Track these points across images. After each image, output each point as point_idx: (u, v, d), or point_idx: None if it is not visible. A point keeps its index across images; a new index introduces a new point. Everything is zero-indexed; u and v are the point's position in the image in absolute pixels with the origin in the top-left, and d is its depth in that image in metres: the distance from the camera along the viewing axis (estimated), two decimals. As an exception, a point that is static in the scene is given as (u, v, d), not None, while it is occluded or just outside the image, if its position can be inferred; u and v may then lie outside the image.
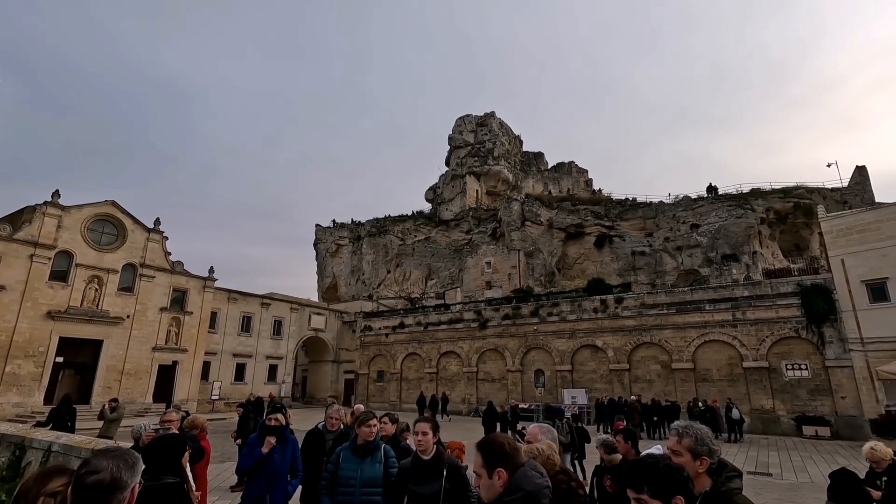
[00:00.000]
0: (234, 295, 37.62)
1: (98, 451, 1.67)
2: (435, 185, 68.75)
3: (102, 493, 1.57)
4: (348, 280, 63.57)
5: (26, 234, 26.14)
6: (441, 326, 38.21)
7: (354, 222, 67.17)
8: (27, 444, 9.04)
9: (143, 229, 31.23)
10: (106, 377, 28.09)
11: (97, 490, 1.57)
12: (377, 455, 4.32)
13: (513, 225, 52.11)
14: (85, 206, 28.78)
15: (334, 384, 43.79)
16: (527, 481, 2.05)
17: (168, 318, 31.63)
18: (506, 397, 32.47)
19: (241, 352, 37.32)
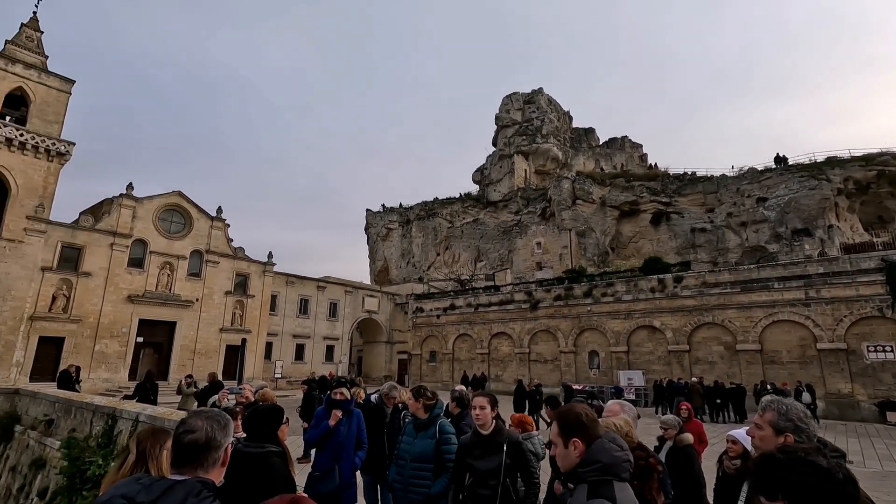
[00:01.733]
0: (292, 278, 39.23)
1: (194, 412, 1.78)
2: (482, 166, 68.12)
3: (198, 450, 1.69)
4: (399, 263, 64.65)
5: (106, 224, 28.35)
6: (491, 308, 38.21)
7: (403, 206, 67.90)
8: (118, 415, 9.89)
9: (207, 217, 33.04)
10: (180, 355, 30.25)
11: (193, 448, 1.69)
12: (431, 430, 4.34)
13: (563, 204, 50.88)
14: (155, 197, 30.78)
15: (388, 364, 45.03)
16: (604, 453, 2.00)
17: (233, 301, 33.52)
18: (559, 378, 32.20)
19: (300, 333, 39.04)
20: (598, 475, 1.94)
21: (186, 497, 1.52)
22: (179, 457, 1.70)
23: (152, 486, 1.55)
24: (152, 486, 1.55)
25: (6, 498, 12.39)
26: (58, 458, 10.94)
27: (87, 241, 27.49)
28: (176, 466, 1.70)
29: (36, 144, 26.08)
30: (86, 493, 9.30)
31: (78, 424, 11.20)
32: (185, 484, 1.57)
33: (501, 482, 3.50)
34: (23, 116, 26.87)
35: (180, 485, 1.57)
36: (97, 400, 11.78)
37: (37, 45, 28.51)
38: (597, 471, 1.94)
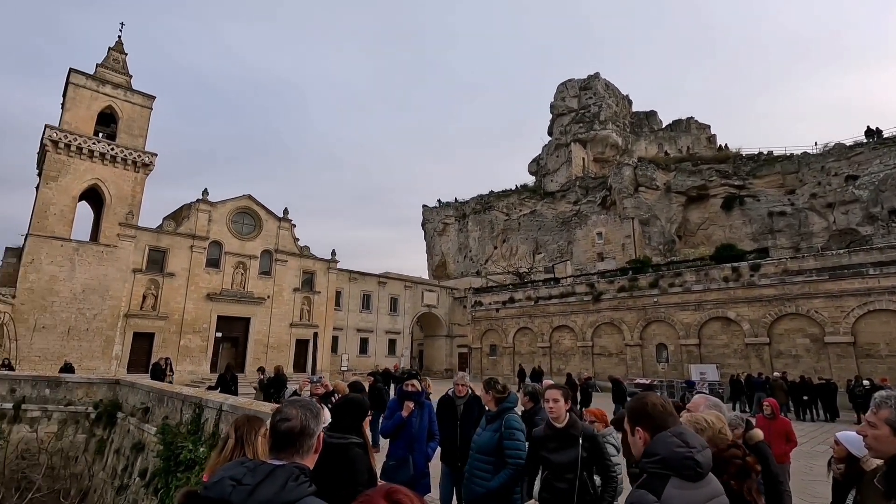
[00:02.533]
0: (354, 275, 40.53)
1: (288, 400, 1.88)
2: (538, 156, 66.85)
3: (294, 437, 1.79)
4: (456, 257, 64.99)
5: (186, 228, 30.60)
6: (552, 300, 37.55)
7: (459, 201, 68.09)
8: (204, 405, 10.67)
9: (275, 219, 34.81)
10: (255, 349, 32.17)
11: (290, 435, 1.79)
12: (497, 423, 4.31)
13: (625, 192, 48.93)
14: (227, 201, 32.82)
15: (449, 357, 45.50)
16: (663, 446, 1.94)
17: (300, 298, 35.17)
18: (625, 372, 31.14)
19: (364, 327, 40.31)
20: (657, 468, 1.90)
21: (287, 481, 1.61)
22: (277, 443, 1.81)
23: (256, 469, 1.65)
24: (256, 470, 1.64)
25: (113, 477, 13.76)
26: (154, 442, 12.00)
27: (170, 244, 29.84)
28: (274, 451, 1.80)
29: (125, 157, 28.58)
30: (179, 475, 10.13)
31: (170, 412, 12.20)
32: (285, 468, 1.66)
33: (578, 476, 3.43)
34: (113, 132, 29.53)
35: (280, 469, 1.65)
36: (185, 390, 12.78)
37: (122, 66, 31.16)
38: (656, 463, 1.91)
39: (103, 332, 26.52)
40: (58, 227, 26.08)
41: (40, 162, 28.26)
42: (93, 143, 27.64)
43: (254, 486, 1.57)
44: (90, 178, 27.51)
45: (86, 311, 26.05)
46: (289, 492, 1.58)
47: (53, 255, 25.62)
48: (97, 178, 27.75)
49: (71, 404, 16.57)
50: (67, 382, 17.06)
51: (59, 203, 26.33)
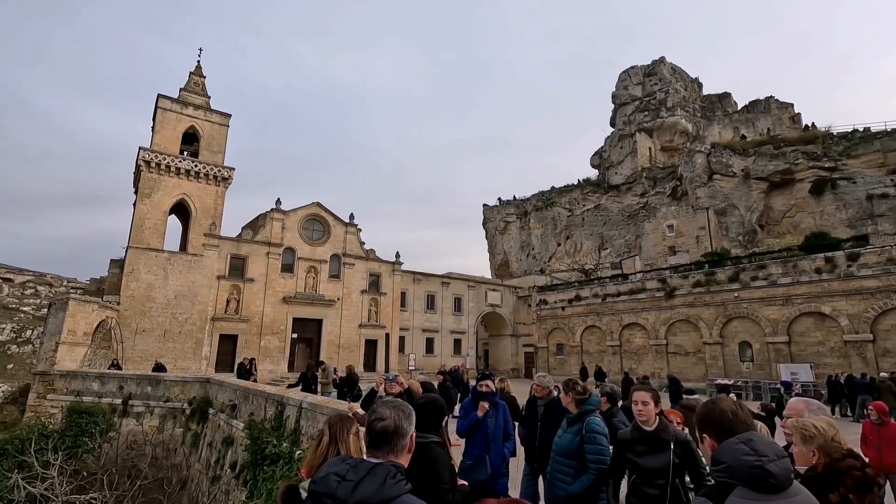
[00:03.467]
0: (418, 276, 41.23)
1: (382, 401, 1.97)
2: (600, 149, 64.64)
3: (389, 436, 1.87)
4: (518, 256, 64.28)
5: (263, 236, 32.58)
6: (621, 297, 36.15)
7: (519, 199, 67.32)
8: (285, 402, 11.29)
9: (342, 224, 36.20)
10: (327, 349, 33.61)
11: (384, 434, 1.87)
12: (578, 426, 4.21)
13: (697, 181, 46.12)
14: (298, 209, 34.56)
15: (514, 357, 45.09)
16: (728, 453, 1.85)
17: (368, 299, 36.31)
18: (703, 372, 29.39)
19: (429, 327, 40.90)
20: (722, 476, 1.83)
21: (385, 478, 1.68)
22: (373, 441, 1.89)
23: (357, 466, 1.74)
24: (357, 467, 1.73)
25: (207, 468, 14.92)
26: (242, 437, 12.86)
27: (249, 252, 31.90)
28: (371, 450, 1.89)
29: (207, 172, 30.92)
30: (266, 468, 10.78)
31: (255, 409, 13.02)
32: (383, 467, 1.74)
33: (670, 482, 3.28)
34: (195, 150, 32.05)
35: (379, 467, 1.73)
36: (268, 389, 13.60)
37: (202, 88, 33.74)
38: (721, 471, 1.84)
39: (193, 334, 28.83)
40: (152, 239, 28.70)
41: (136, 181, 31.21)
42: (179, 161, 30.19)
43: (356, 483, 1.65)
44: (178, 193, 30.03)
45: (178, 315, 28.45)
46: (387, 489, 1.64)
47: (150, 265, 28.23)
48: (184, 193, 30.23)
49: (169, 401, 18.17)
50: (165, 381, 18.72)
51: (152, 217, 28.98)
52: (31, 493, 12.87)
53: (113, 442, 16.51)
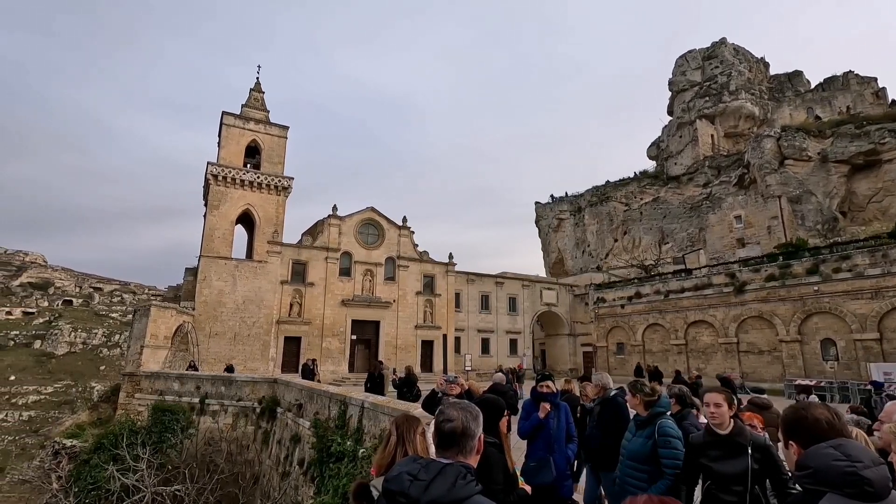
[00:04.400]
0: (472, 276, 41.25)
1: (449, 403, 2.00)
2: (658, 139, 61.92)
3: (457, 438, 1.90)
4: (574, 253, 62.80)
5: (321, 241, 33.83)
6: (685, 294, 34.44)
7: (572, 195, 65.78)
8: (348, 402, 11.65)
9: (395, 227, 36.90)
10: (385, 350, 34.34)
11: (453, 435, 1.90)
12: (649, 429, 4.05)
13: (767, 167, 43.11)
14: (354, 214, 35.59)
15: (572, 357, 44.08)
16: (816, 458, 1.74)
17: (423, 301, 36.78)
18: (780, 372, 27.44)
19: (484, 328, 40.81)
20: (808, 482, 1.73)
21: (456, 479, 1.70)
22: (442, 442, 1.93)
23: (428, 466, 1.77)
24: (429, 467, 1.76)
25: (277, 464, 15.68)
26: (308, 434, 13.41)
27: (309, 257, 33.22)
28: (440, 450, 1.92)
29: (268, 183, 32.53)
30: (331, 466, 11.17)
31: (319, 408, 13.53)
32: (454, 467, 1.76)
33: (749, 489, 3.09)
34: (257, 162, 33.80)
35: (450, 467, 1.76)
36: (331, 389, 14.09)
37: (261, 103, 35.54)
38: (807, 477, 1.74)
39: (260, 337, 30.39)
40: (222, 248, 30.55)
41: (205, 194, 33.32)
42: (243, 173, 31.95)
43: (428, 482, 1.68)
44: (243, 204, 31.79)
45: (246, 318, 30.10)
46: (458, 490, 1.66)
47: (220, 272, 30.06)
48: (248, 203, 31.96)
49: (241, 400, 19.23)
50: (237, 381, 19.84)
51: (221, 227, 30.85)
52: (124, 484, 14.07)
53: (193, 438, 17.71)
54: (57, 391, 55.17)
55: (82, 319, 67.90)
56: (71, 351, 62.08)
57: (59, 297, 74.77)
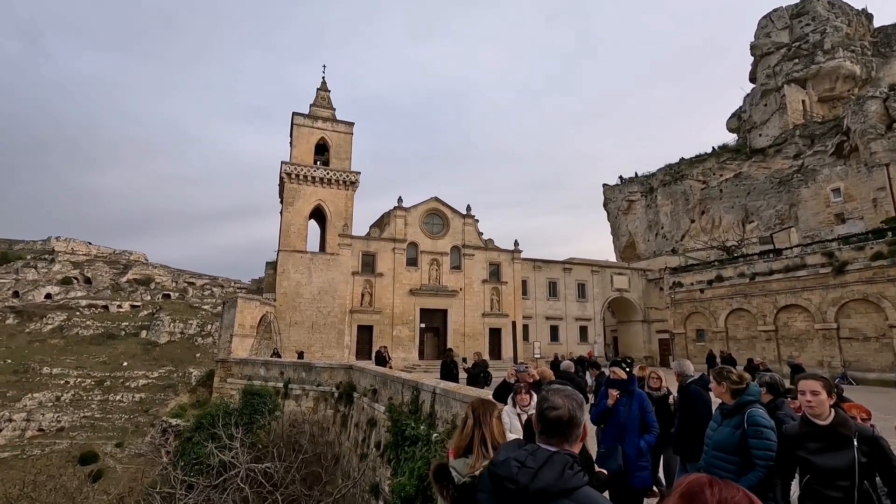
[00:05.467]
0: (538, 263, 40.62)
1: (552, 390, 1.96)
2: (739, 110, 57.17)
3: (563, 426, 1.84)
4: (646, 236, 59.86)
5: (388, 233, 34.78)
6: (774, 276, 31.76)
7: (643, 175, 62.54)
8: (420, 388, 11.96)
9: (460, 216, 37.09)
10: (453, 338, 34.82)
11: (559, 423, 1.85)
12: (737, 419, 3.81)
13: (870, 133, 38.47)
14: (419, 205, 36.20)
15: (647, 344, 42.29)
16: None
17: (489, 289, 36.80)
18: (891, 361, 24.67)
19: (552, 315, 40.14)
20: None
21: (564, 468, 1.67)
22: (546, 429, 1.87)
23: (536, 453, 1.75)
24: (536, 454, 1.74)
25: (356, 446, 16.48)
26: (384, 419, 13.94)
27: (377, 249, 34.30)
28: (544, 437, 1.87)
29: (337, 179, 33.86)
30: (406, 449, 11.56)
31: (393, 394, 14.01)
32: (561, 456, 1.73)
33: (858, 484, 2.83)
34: (326, 159, 35.26)
35: (557, 456, 1.73)
36: (404, 375, 14.54)
37: (328, 102, 36.92)
38: None
39: (335, 325, 31.91)
40: (297, 242, 32.32)
41: (281, 192, 35.30)
42: (314, 170, 33.50)
43: (536, 470, 1.66)
44: (315, 199, 33.37)
45: (322, 308, 31.71)
46: (567, 479, 1.64)
47: (297, 265, 31.84)
48: (320, 199, 33.49)
49: (320, 385, 20.37)
50: (316, 367, 21.01)
51: (296, 223, 32.60)
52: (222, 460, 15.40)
53: (279, 420, 19.02)
54: (161, 376, 61.43)
55: (179, 311, 74.87)
56: (171, 340, 68.74)
57: (159, 291, 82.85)
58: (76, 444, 50.47)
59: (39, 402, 55.00)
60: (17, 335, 65.21)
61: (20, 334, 65.43)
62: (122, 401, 57.96)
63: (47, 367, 59.77)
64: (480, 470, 2.10)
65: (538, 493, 1.62)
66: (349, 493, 14.92)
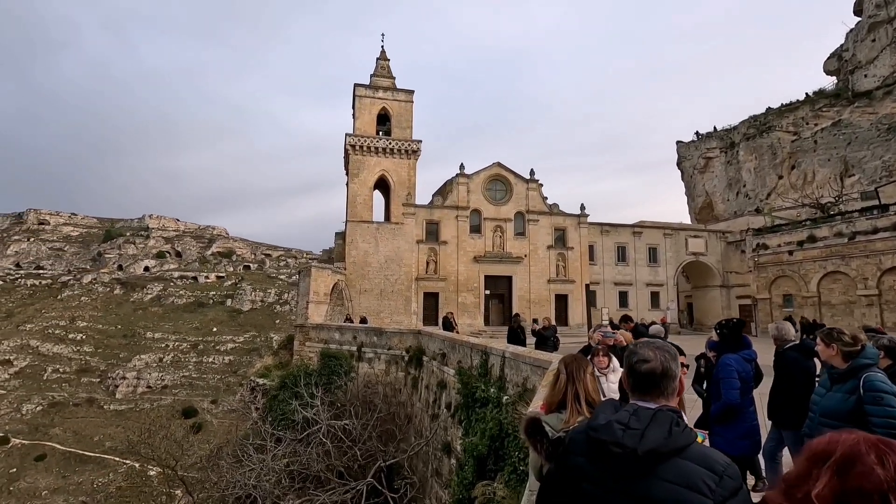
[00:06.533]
0: (606, 227, 39.14)
1: (641, 342, 1.84)
2: (839, 48, 50.57)
3: (658, 379, 1.72)
4: (725, 195, 55.63)
5: (450, 201, 34.83)
6: (878, 235, 28.59)
7: (722, 129, 57.60)
8: (489, 352, 12.09)
9: (523, 181, 36.31)
10: (518, 305, 34.71)
11: (652, 377, 1.73)
12: (850, 384, 3.46)
13: None
14: (481, 171, 35.80)
15: (726, 310, 39.88)
16: None
17: (555, 255, 36.11)
18: None
19: (621, 280, 38.82)
20: None
21: (671, 426, 1.57)
22: (639, 385, 1.76)
23: (638, 413, 1.64)
24: (638, 414, 1.63)
25: (427, 406, 17.12)
26: (454, 381, 14.30)
27: (440, 217, 34.52)
28: (637, 394, 1.76)
29: (399, 148, 34.12)
30: (477, 410, 11.81)
31: (462, 358, 14.27)
32: (664, 413, 1.63)
33: None
34: (388, 129, 35.52)
35: (661, 413, 1.62)
36: (472, 340, 14.74)
37: (387, 71, 36.88)
38: None
39: (402, 292, 32.83)
40: (363, 213, 33.23)
41: (346, 164, 36.20)
42: (376, 141, 33.95)
43: (643, 431, 1.57)
44: (378, 170, 33.94)
45: (389, 276, 32.67)
46: (676, 437, 1.54)
47: (364, 235, 32.85)
48: (383, 169, 34.02)
49: (391, 349, 21.18)
50: (386, 332, 21.83)
51: (361, 194, 33.43)
52: (304, 416, 16.61)
53: (354, 381, 20.11)
54: (246, 340, 66.80)
55: (259, 281, 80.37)
56: (253, 308, 74.18)
57: (240, 262, 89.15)
58: (178, 400, 56.70)
59: (146, 363, 61.96)
60: (124, 304, 73.23)
61: (126, 303, 73.41)
62: (213, 362, 63.90)
63: (150, 332, 66.90)
64: (574, 426, 2.04)
65: (648, 455, 1.52)
66: (422, 450, 15.62)
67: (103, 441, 49.29)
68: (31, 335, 63.91)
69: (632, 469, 1.53)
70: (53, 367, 60.34)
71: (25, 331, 64.65)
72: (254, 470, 14.45)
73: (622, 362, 2.15)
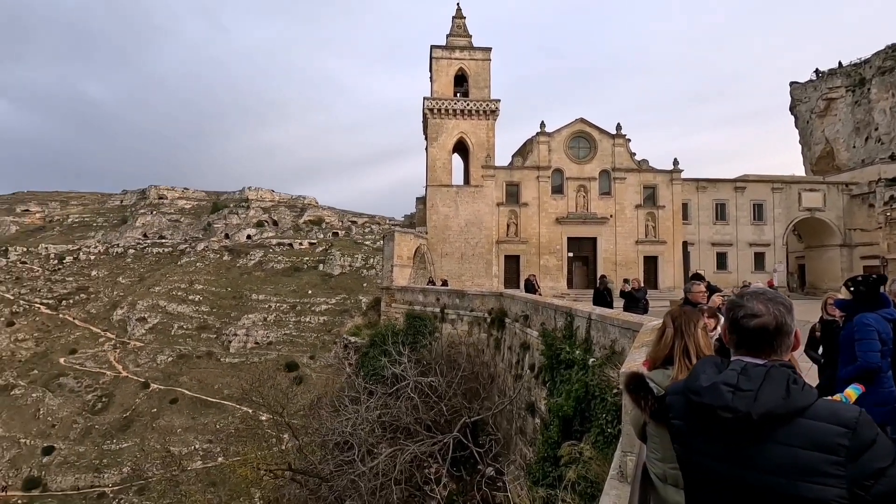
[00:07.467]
0: (703, 183, 36.06)
1: (748, 293, 1.63)
2: None
3: (770, 335, 1.53)
4: (850, 141, 48.48)
5: (531, 161, 33.87)
6: None
7: (850, 64, 49.64)
8: (573, 314, 11.82)
9: (609, 137, 34.24)
10: (604, 267, 33.42)
11: (764, 332, 1.53)
12: None
13: None
14: (563, 129, 34.26)
15: (846, 272, 35.43)
16: None
17: (643, 214, 34.04)
18: None
19: (719, 240, 35.87)
20: None
21: (787, 384, 1.40)
22: (746, 341, 1.57)
23: (747, 371, 1.48)
24: (748, 373, 1.47)
25: (510, 367, 17.30)
26: (537, 343, 14.24)
27: (520, 178, 33.74)
28: (744, 350, 1.58)
29: (477, 109, 33.49)
30: (562, 372, 11.70)
31: (545, 319, 14.11)
32: (779, 370, 1.46)
33: None
34: (465, 90, 34.89)
35: (775, 370, 1.45)
36: (556, 302, 14.49)
37: (463, 30, 35.89)
38: None
39: (483, 256, 32.93)
40: (443, 176, 33.38)
41: (424, 128, 36.29)
42: (454, 103, 33.57)
43: (756, 392, 1.40)
44: (457, 133, 33.69)
45: (470, 239, 32.85)
46: (795, 397, 1.37)
47: (444, 199, 33.12)
48: (461, 132, 33.71)
49: (473, 311, 21.50)
50: (468, 294, 22.13)
51: (440, 158, 33.51)
52: (394, 373, 17.55)
53: (438, 341, 20.80)
54: (338, 302, 71.46)
55: (346, 247, 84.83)
56: (342, 272, 78.71)
57: (329, 230, 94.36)
58: (281, 355, 62.56)
59: (253, 322, 68.74)
60: (232, 269, 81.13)
61: (233, 268, 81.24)
62: (310, 322, 69.32)
63: (255, 294, 73.77)
64: (670, 386, 1.89)
65: (764, 419, 1.36)
66: (506, 409, 15.92)
67: (222, 389, 56.05)
68: (159, 296, 73.33)
69: (745, 435, 1.39)
70: (178, 324, 69.02)
71: (154, 293, 74.26)
72: (350, 419, 15.61)
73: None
